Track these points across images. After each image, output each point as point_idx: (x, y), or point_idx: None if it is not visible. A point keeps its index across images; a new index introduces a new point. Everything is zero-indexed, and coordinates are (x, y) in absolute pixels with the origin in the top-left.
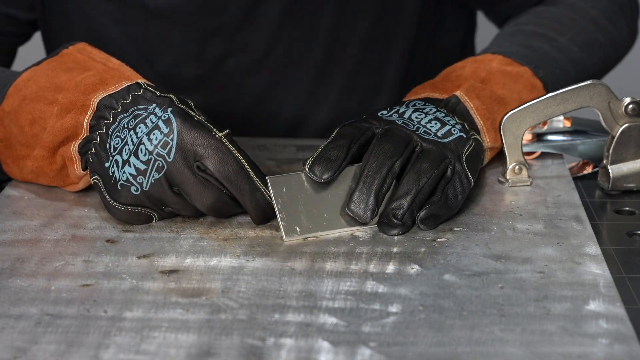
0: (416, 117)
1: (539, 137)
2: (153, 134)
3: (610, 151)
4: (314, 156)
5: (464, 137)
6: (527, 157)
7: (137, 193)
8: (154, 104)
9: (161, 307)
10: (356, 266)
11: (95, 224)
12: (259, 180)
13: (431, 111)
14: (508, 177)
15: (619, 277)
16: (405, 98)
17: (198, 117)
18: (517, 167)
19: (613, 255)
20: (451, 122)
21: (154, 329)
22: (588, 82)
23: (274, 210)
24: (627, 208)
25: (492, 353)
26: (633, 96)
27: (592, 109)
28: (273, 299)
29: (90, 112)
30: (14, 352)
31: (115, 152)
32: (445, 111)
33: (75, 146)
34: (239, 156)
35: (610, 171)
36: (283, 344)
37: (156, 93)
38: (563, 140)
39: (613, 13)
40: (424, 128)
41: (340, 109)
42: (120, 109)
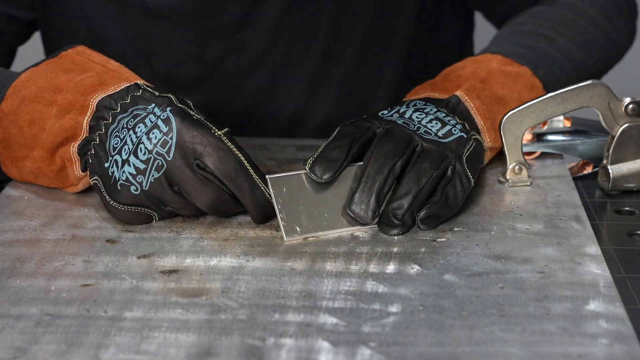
0: (417, 117)
1: (539, 137)
2: (152, 133)
3: (610, 151)
4: (315, 156)
5: (465, 137)
6: (527, 157)
7: (137, 193)
8: (153, 104)
9: (161, 307)
10: (356, 266)
11: (95, 224)
12: (259, 178)
13: (432, 111)
14: (508, 177)
15: (619, 277)
16: (405, 98)
17: (197, 116)
18: (517, 167)
19: (613, 255)
20: (452, 122)
21: (154, 329)
22: (588, 82)
23: (274, 209)
24: (627, 208)
25: (492, 353)
26: (633, 96)
27: (592, 109)
28: (273, 299)
29: (89, 113)
30: (14, 352)
31: (114, 152)
32: (445, 111)
33: (74, 147)
34: (239, 154)
35: (610, 171)
36: (283, 344)
37: (155, 93)
38: (563, 140)
39: (611, 13)
40: (425, 128)
41: (339, 109)
42: (119, 110)
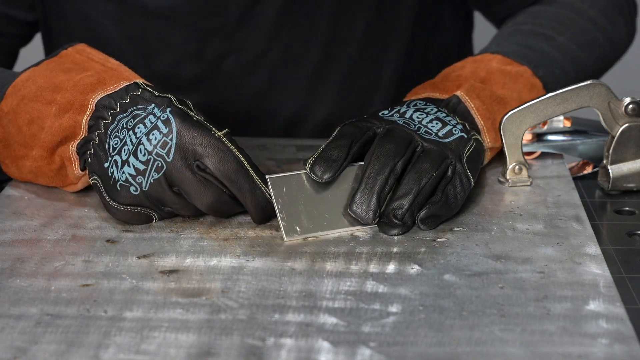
0: (417, 117)
1: (539, 137)
2: (152, 134)
3: (610, 151)
4: (315, 156)
5: (465, 137)
6: (527, 157)
7: (137, 193)
8: (153, 104)
9: (161, 307)
10: (356, 266)
11: (95, 224)
12: (259, 179)
13: (432, 111)
14: (508, 177)
15: (619, 277)
16: (405, 98)
17: (197, 117)
18: (517, 167)
19: (613, 255)
20: (452, 122)
21: (154, 329)
22: (588, 82)
23: (274, 209)
24: (627, 208)
25: (492, 353)
26: (633, 96)
27: (592, 109)
28: (273, 299)
29: (88, 113)
30: (14, 352)
31: (114, 153)
32: (446, 111)
33: (73, 146)
34: (239, 155)
35: (610, 171)
36: (283, 344)
37: (154, 93)
38: (563, 140)
39: (611, 12)
40: (425, 128)
41: (338, 108)
42: (118, 109)
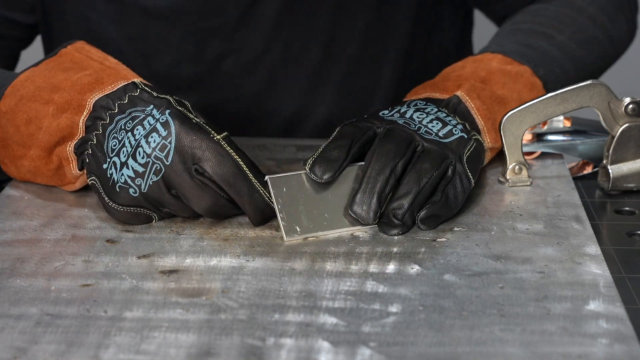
0: (417, 117)
1: (539, 137)
2: (151, 137)
3: (610, 151)
4: (315, 156)
5: (465, 138)
6: (527, 157)
7: (136, 195)
8: (152, 105)
9: (161, 307)
10: (356, 266)
11: (95, 224)
12: (258, 182)
13: (432, 111)
14: (508, 177)
15: (619, 277)
16: (405, 98)
17: (196, 120)
18: (517, 167)
19: (613, 255)
20: (452, 122)
21: (154, 329)
22: (588, 82)
23: (274, 210)
24: (627, 208)
25: (492, 353)
26: (633, 96)
27: (592, 109)
28: (273, 299)
29: (86, 113)
30: (14, 352)
31: (112, 154)
32: (446, 111)
33: (71, 146)
34: (237, 158)
35: (610, 171)
36: (283, 344)
37: (153, 94)
38: (563, 140)
39: (611, 9)
40: (426, 128)
41: (338, 108)
42: (117, 110)
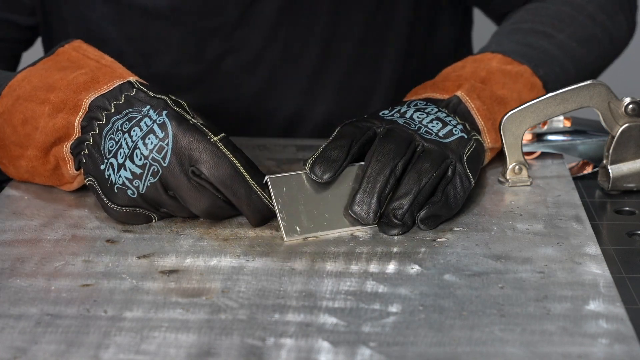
0: (418, 117)
1: (539, 137)
2: (148, 138)
3: (610, 151)
4: (315, 156)
5: (465, 138)
6: (527, 157)
7: (134, 196)
8: (148, 106)
9: (161, 307)
10: (356, 266)
11: (95, 224)
12: (255, 183)
13: (433, 111)
14: (508, 177)
15: (619, 277)
16: (405, 98)
17: (193, 121)
18: (517, 167)
19: (613, 255)
20: (452, 123)
21: (154, 329)
22: (588, 82)
23: (273, 211)
24: (627, 208)
25: (492, 353)
26: (633, 96)
27: (592, 109)
28: (273, 299)
29: (81, 113)
30: (14, 352)
31: (110, 155)
32: (446, 111)
33: (67, 147)
34: (234, 160)
35: (610, 171)
36: (283, 344)
37: (149, 93)
38: (563, 140)
39: (610, 8)
40: (426, 128)
41: (337, 107)
42: (113, 110)
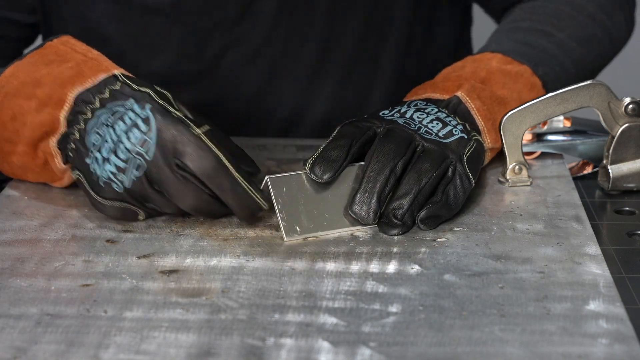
0: (418, 117)
1: (539, 137)
2: (132, 132)
3: (610, 151)
4: (315, 156)
5: (465, 138)
6: (527, 157)
7: (120, 190)
8: (132, 100)
9: (161, 307)
10: (356, 266)
11: (95, 224)
12: (242, 176)
13: (433, 111)
14: (508, 177)
15: (619, 277)
16: (405, 98)
17: (177, 114)
18: (517, 167)
19: (613, 255)
20: (453, 123)
21: (154, 329)
22: (588, 82)
23: (263, 206)
24: (627, 208)
25: (492, 353)
26: (633, 96)
27: (592, 109)
28: (273, 299)
29: (67, 108)
30: (14, 352)
31: (95, 149)
32: (446, 112)
33: (53, 141)
34: (218, 153)
35: (610, 171)
36: (283, 344)
37: (134, 86)
38: (563, 140)
39: (610, 7)
40: (426, 128)
41: (337, 104)
42: (98, 105)
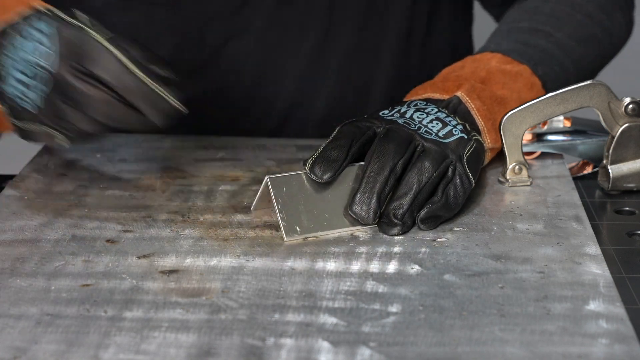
0: (418, 117)
1: (539, 137)
2: (36, 48)
3: (610, 151)
4: (315, 156)
5: (465, 138)
6: (527, 157)
7: (35, 111)
8: (42, 22)
9: (161, 307)
10: (356, 266)
11: (95, 224)
12: (148, 77)
13: (433, 111)
14: (508, 177)
15: (619, 277)
16: (405, 98)
17: (76, 23)
18: (517, 167)
19: (613, 255)
20: (452, 123)
21: (154, 329)
22: (588, 82)
23: (167, 102)
24: (627, 208)
25: (492, 353)
26: (633, 96)
27: (592, 109)
28: (273, 299)
29: None
30: (14, 352)
31: (6, 73)
32: (446, 112)
33: None
34: (119, 55)
35: (610, 171)
36: (283, 344)
37: (49, 13)
38: (563, 140)
39: (609, 7)
40: (426, 128)
41: (337, 94)
42: (14, 33)
